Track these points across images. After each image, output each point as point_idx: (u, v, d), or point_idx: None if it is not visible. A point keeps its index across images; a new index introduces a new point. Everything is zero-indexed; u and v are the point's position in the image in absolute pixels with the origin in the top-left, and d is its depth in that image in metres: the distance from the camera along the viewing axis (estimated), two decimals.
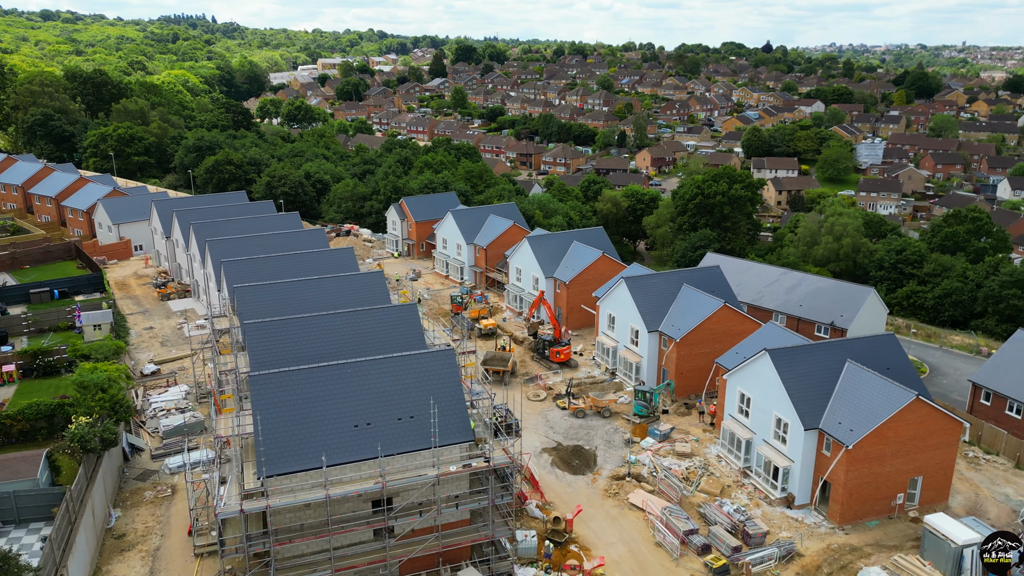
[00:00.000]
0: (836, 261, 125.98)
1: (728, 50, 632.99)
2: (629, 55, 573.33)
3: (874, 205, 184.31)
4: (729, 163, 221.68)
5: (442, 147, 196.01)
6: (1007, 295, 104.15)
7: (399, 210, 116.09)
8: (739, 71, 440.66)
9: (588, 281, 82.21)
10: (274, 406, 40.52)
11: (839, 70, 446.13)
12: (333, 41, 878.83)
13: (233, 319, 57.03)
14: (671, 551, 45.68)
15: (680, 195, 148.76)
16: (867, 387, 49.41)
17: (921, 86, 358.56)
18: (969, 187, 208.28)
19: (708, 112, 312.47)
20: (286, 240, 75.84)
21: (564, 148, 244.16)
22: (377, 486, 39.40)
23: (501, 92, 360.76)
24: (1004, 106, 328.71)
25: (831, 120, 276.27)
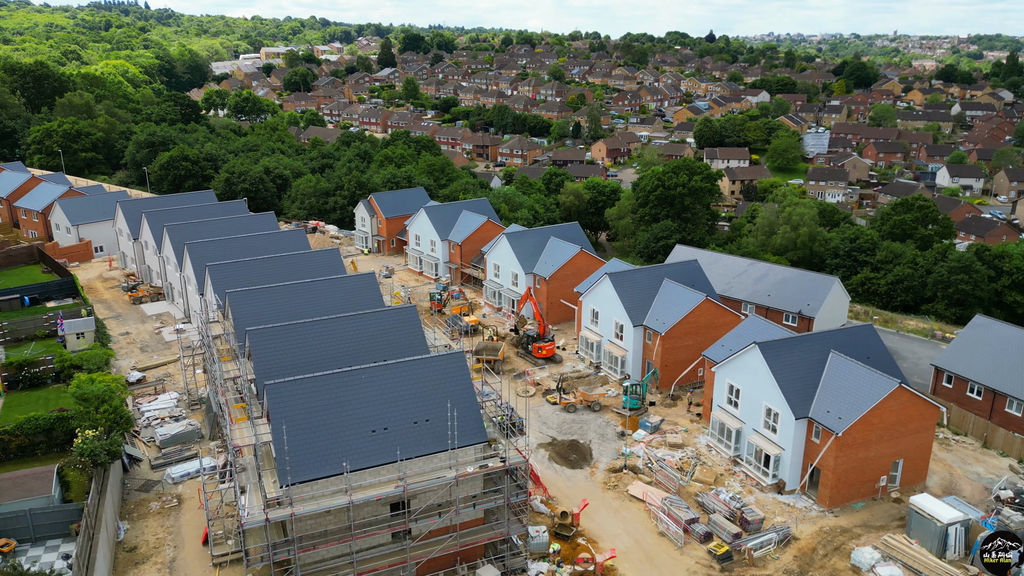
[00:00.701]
0: (794, 250, 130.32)
1: (673, 39, 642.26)
2: (577, 44, 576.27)
3: (822, 194, 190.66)
4: (682, 154, 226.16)
5: (401, 140, 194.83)
6: (955, 280, 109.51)
7: (368, 206, 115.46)
8: (685, 61, 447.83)
9: (567, 276, 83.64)
10: (293, 414, 40.72)
11: (781, 60, 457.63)
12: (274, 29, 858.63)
13: (226, 324, 56.51)
14: (675, 540, 47.51)
15: (641, 187, 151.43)
16: (852, 376, 52.05)
17: (859, 76, 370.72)
18: (910, 175, 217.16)
19: (658, 102, 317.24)
20: (267, 241, 75.06)
21: (520, 139, 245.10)
22: (398, 489, 40.06)
23: (453, 82, 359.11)
24: (938, 95, 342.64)
25: (777, 110, 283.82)
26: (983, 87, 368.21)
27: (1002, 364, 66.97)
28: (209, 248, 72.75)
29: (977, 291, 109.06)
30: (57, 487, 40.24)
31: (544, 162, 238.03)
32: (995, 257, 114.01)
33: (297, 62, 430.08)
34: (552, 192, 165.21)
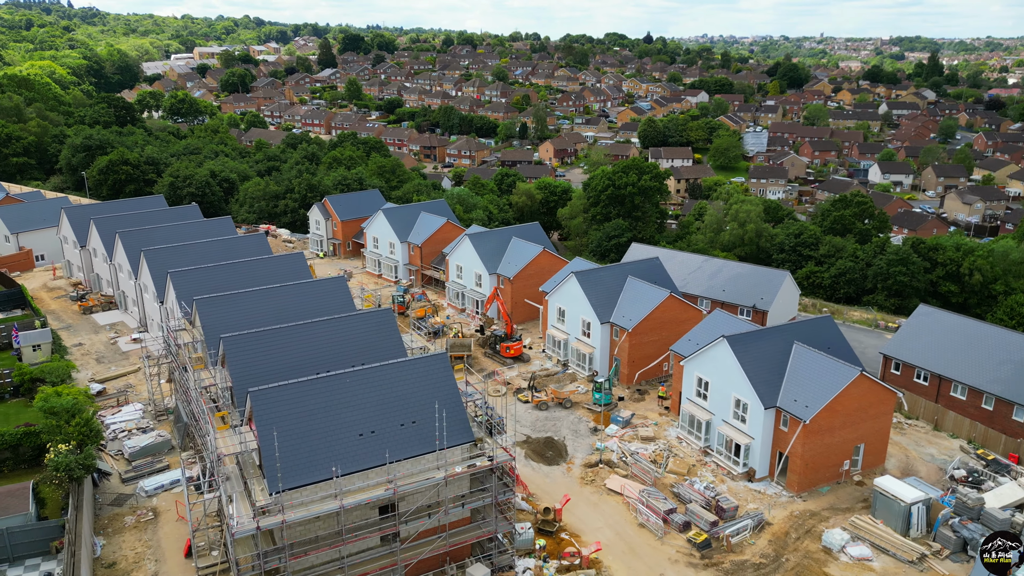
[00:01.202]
0: (741, 246, 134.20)
1: (611, 40, 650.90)
2: (517, 45, 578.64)
3: (764, 191, 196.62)
4: (628, 154, 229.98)
5: (348, 141, 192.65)
6: (894, 272, 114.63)
7: (322, 209, 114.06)
8: (625, 62, 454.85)
9: (531, 276, 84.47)
10: (279, 420, 40.28)
11: (717, 62, 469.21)
12: (206, 28, 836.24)
13: (194, 331, 55.32)
14: (655, 531, 48.75)
15: (592, 187, 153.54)
16: (816, 366, 54.27)
17: (792, 77, 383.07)
18: (844, 172, 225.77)
19: (602, 103, 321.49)
20: (226, 246, 73.55)
21: (468, 140, 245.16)
22: (389, 492, 40.09)
23: (396, 83, 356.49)
24: (866, 95, 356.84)
25: (716, 110, 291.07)
26: (907, 87, 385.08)
27: (946, 350, 70.62)
28: (167, 254, 70.91)
29: (914, 282, 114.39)
30: (32, 504, 38.82)
31: (492, 163, 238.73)
32: (929, 249, 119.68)
33: (233, 62, 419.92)
34: (504, 193, 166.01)
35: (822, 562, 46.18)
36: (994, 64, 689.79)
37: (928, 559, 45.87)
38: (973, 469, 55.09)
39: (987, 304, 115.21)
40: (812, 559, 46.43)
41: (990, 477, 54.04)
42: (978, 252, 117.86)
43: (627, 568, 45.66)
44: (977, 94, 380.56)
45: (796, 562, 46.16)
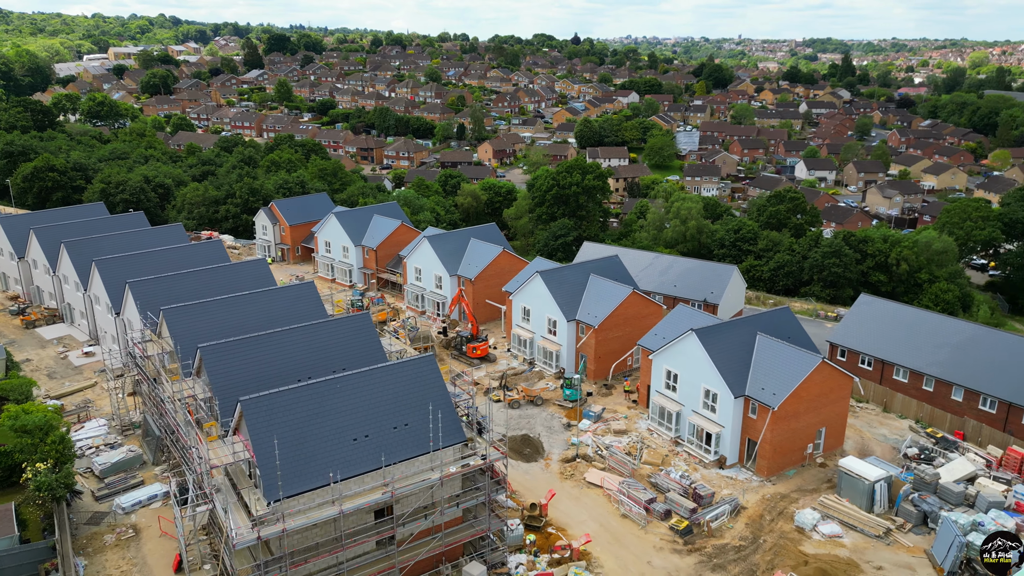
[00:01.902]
0: (683, 242, 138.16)
1: (540, 41, 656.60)
2: (447, 46, 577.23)
3: (698, 188, 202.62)
4: (566, 154, 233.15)
5: (285, 144, 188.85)
6: (828, 264, 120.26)
7: (269, 214, 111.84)
8: (556, 63, 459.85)
9: (491, 276, 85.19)
10: (271, 428, 39.85)
11: (644, 62, 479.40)
12: (120, 27, 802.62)
13: (163, 343, 53.81)
14: (638, 520, 50.23)
15: (537, 187, 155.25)
16: (780, 355, 56.85)
17: (717, 77, 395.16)
18: (772, 169, 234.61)
19: (536, 104, 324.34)
20: (182, 255, 71.58)
21: (406, 142, 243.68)
22: (386, 495, 40.20)
23: (327, 84, 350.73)
24: (786, 95, 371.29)
25: (648, 110, 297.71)
26: (824, 87, 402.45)
27: (887, 336, 74.83)
28: (120, 264, 68.51)
29: (847, 273, 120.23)
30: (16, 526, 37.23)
31: (431, 164, 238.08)
32: (860, 242, 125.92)
33: (153, 63, 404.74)
34: (449, 194, 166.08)
35: (797, 541, 48.56)
36: (900, 64, 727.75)
37: (893, 533, 48.81)
38: (924, 447, 58.75)
39: (913, 292, 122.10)
40: (787, 539, 48.76)
41: (940, 454, 57.76)
42: (904, 243, 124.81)
43: (615, 558, 46.94)
44: (888, 93, 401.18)
45: (773, 542, 48.39)
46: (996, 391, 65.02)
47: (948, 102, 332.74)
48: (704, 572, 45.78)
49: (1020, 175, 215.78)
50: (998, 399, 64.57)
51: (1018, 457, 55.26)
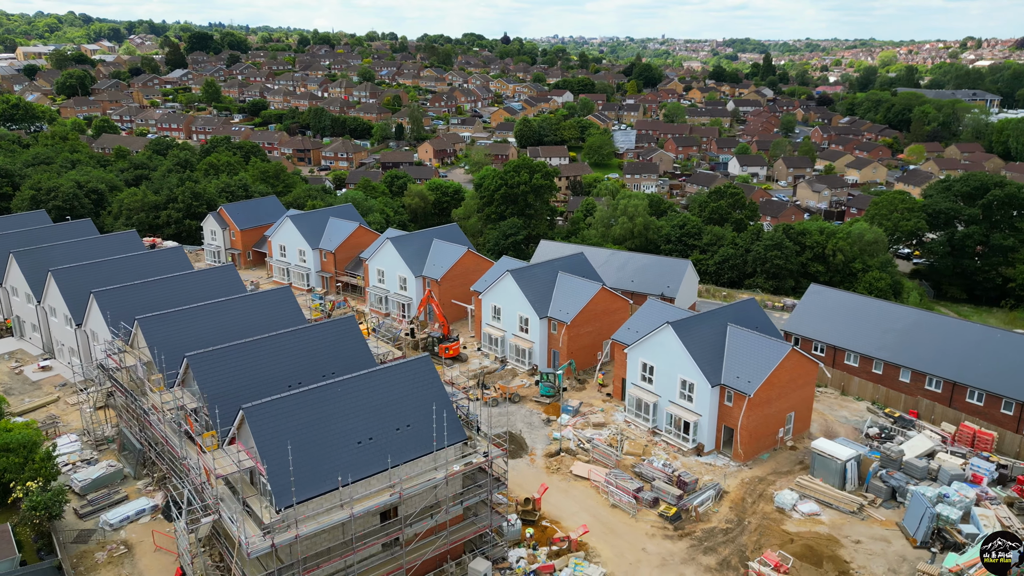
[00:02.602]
0: (631, 239, 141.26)
1: (470, 41, 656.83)
2: (377, 45, 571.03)
3: (638, 186, 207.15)
4: (507, 153, 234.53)
5: (222, 146, 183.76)
6: (770, 256, 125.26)
7: (218, 218, 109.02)
8: (488, 63, 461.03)
9: (457, 277, 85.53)
10: (276, 435, 39.49)
11: (575, 62, 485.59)
12: (26, 25, 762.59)
13: (139, 353, 52.23)
14: (628, 510, 51.73)
15: (485, 187, 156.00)
16: (751, 344, 59.35)
17: (647, 76, 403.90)
18: (706, 166, 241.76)
19: (472, 103, 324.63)
20: (143, 263, 69.37)
21: (344, 142, 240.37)
22: (395, 496, 40.39)
23: (258, 84, 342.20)
24: (714, 93, 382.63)
25: (583, 109, 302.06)
26: (748, 85, 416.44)
27: (837, 324, 78.75)
28: (78, 274, 65.89)
29: (788, 264, 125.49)
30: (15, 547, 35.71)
31: (370, 164, 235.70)
32: (798, 234, 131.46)
33: (67, 63, 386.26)
34: (396, 195, 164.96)
35: (779, 521, 50.94)
36: (816, 63, 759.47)
37: (866, 508, 51.75)
38: (883, 426, 62.32)
39: (849, 281, 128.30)
40: (770, 519, 51.10)
41: (899, 432, 61.39)
42: (839, 235, 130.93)
43: (610, 547, 48.27)
44: (808, 91, 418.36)
45: (757, 524, 50.64)
46: (940, 372, 69.36)
47: (864, 100, 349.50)
48: (696, 555, 47.58)
49: (935, 168, 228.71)
50: (942, 379, 68.92)
51: (970, 432, 59.30)
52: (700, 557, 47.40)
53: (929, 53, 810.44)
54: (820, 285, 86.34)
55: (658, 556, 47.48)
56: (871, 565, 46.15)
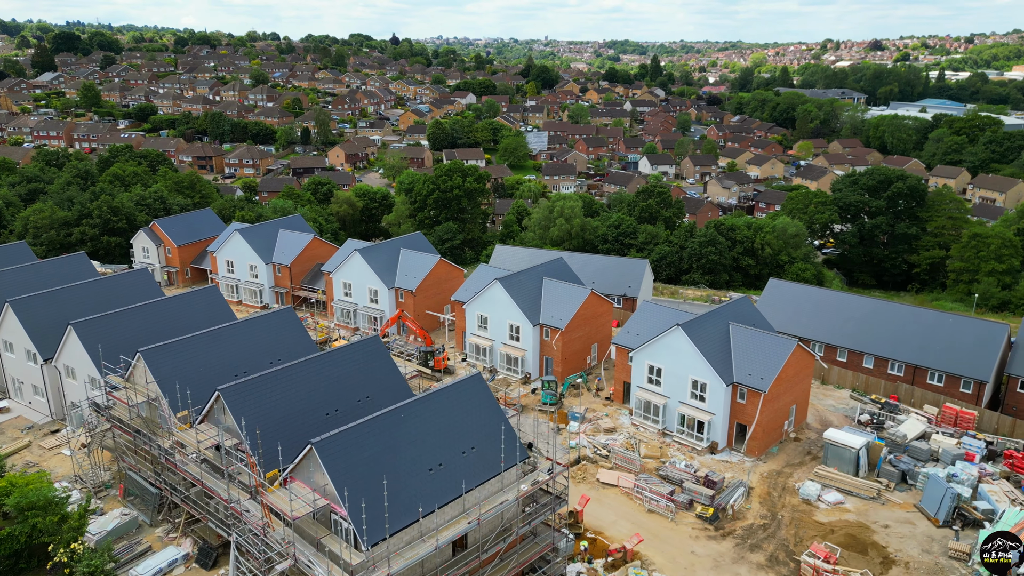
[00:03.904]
0: (569, 240, 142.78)
1: (357, 42, 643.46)
2: (260, 45, 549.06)
3: (557, 187, 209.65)
4: (422, 156, 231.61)
5: (124, 156, 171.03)
6: (706, 252, 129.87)
7: (151, 234, 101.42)
8: (383, 64, 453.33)
9: (431, 287, 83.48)
10: (349, 468, 37.01)
11: (471, 63, 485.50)
12: None
13: (147, 389, 47.58)
14: (665, 514, 52.02)
15: (416, 191, 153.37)
16: (757, 342, 61.14)
17: (544, 78, 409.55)
18: (618, 165, 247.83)
19: (376, 106, 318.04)
20: (107, 289, 63.31)
21: (248, 148, 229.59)
22: (473, 524, 38.81)
23: (141, 88, 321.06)
24: (610, 94, 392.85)
25: (489, 111, 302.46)
26: (640, 86, 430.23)
27: (799, 315, 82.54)
28: (39, 304, 59.29)
29: (722, 259, 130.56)
30: None
31: (279, 171, 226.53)
32: (728, 229, 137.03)
33: None
34: (322, 202, 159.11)
35: (809, 512, 52.73)
36: (693, 64, 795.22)
37: (883, 493, 54.45)
38: (873, 412, 65.83)
39: (776, 272, 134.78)
40: (800, 511, 52.81)
41: (888, 417, 65.03)
42: (766, 229, 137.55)
43: (661, 553, 48.39)
44: (695, 92, 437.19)
45: (790, 517, 52.21)
46: (901, 356, 74.10)
47: (751, 99, 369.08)
48: (744, 554, 48.49)
49: (825, 162, 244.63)
50: (904, 363, 73.70)
51: (953, 413, 63.61)
52: (748, 555, 48.34)
53: (794, 55, 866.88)
54: (779, 280, 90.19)
55: (708, 558, 48.03)
56: (906, 548, 48.55)
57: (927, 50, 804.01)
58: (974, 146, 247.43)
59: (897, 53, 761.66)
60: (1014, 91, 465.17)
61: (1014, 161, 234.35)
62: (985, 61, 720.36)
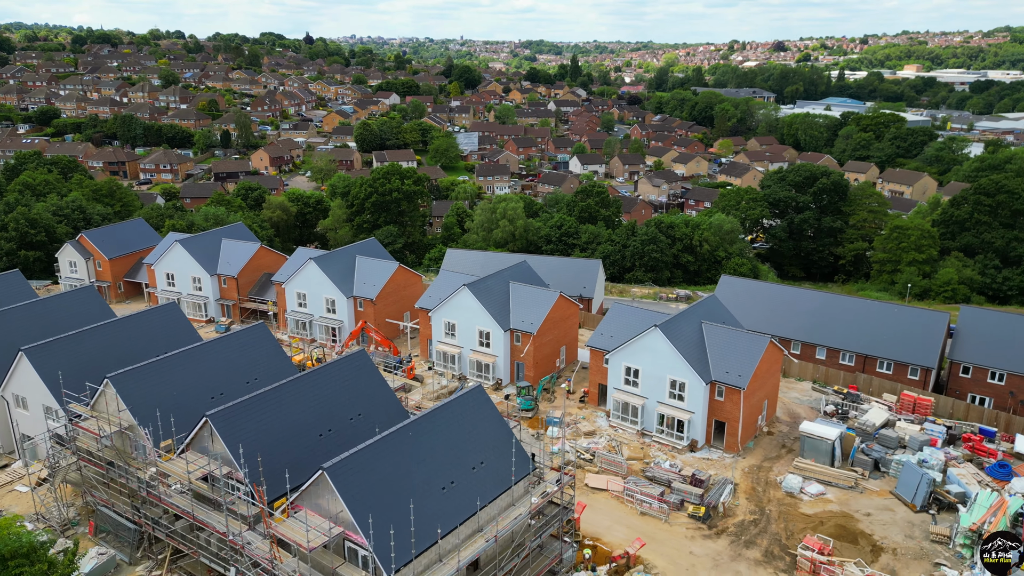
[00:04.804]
0: (513, 241, 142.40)
1: (269, 41, 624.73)
2: (165, 44, 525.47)
3: (492, 188, 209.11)
4: (350, 158, 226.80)
5: (32, 163, 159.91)
6: (648, 250, 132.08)
7: (79, 247, 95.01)
8: (300, 64, 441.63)
9: (390, 294, 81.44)
10: (363, 492, 35.30)
11: (392, 63, 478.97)
12: None
13: (119, 417, 44.12)
14: (658, 516, 52.18)
15: (353, 195, 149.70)
16: (731, 340, 62.17)
17: (467, 78, 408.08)
18: (548, 165, 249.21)
19: (296, 107, 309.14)
20: (50, 310, 58.61)
21: (165, 153, 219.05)
22: (491, 542, 37.75)
23: (41, 90, 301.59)
24: (534, 94, 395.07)
25: (415, 112, 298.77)
26: (562, 87, 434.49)
27: (753, 311, 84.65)
28: None
29: (664, 257, 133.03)
30: None
31: (198, 176, 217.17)
32: (668, 227, 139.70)
33: None
34: (253, 208, 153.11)
35: (794, 505, 53.96)
36: (609, 64, 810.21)
37: (859, 482, 56.30)
38: (836, 403, 68.08)
39: (715, 269, 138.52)
40: (785, 504, 53.97)
41: (851, 407, 67.38)
42: (704, 226, 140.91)
43: (660, 555, 48.45)
44: (615, 91, 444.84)
45: (777, 510, 53.29)
46: (851, 346, 77.13)
47: (671, 99, 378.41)
48: (741, 551, 49.13)
49: (745, 159, 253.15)
50: (854, 352, 76.75)
51: (911, 400, 66.47)
52: (745, 552, 48.99)
53: (703, 55, 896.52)
54: (731, 276, 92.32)
55: (707, 557, 48.41)
56: (890, 535, 50.27)
57: (826, 51, 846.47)
58: (880, 142, 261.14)
59: (799, 54, 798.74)
60: (908, 89, 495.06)
61: (917, 156, 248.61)
62: (879, 60, 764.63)
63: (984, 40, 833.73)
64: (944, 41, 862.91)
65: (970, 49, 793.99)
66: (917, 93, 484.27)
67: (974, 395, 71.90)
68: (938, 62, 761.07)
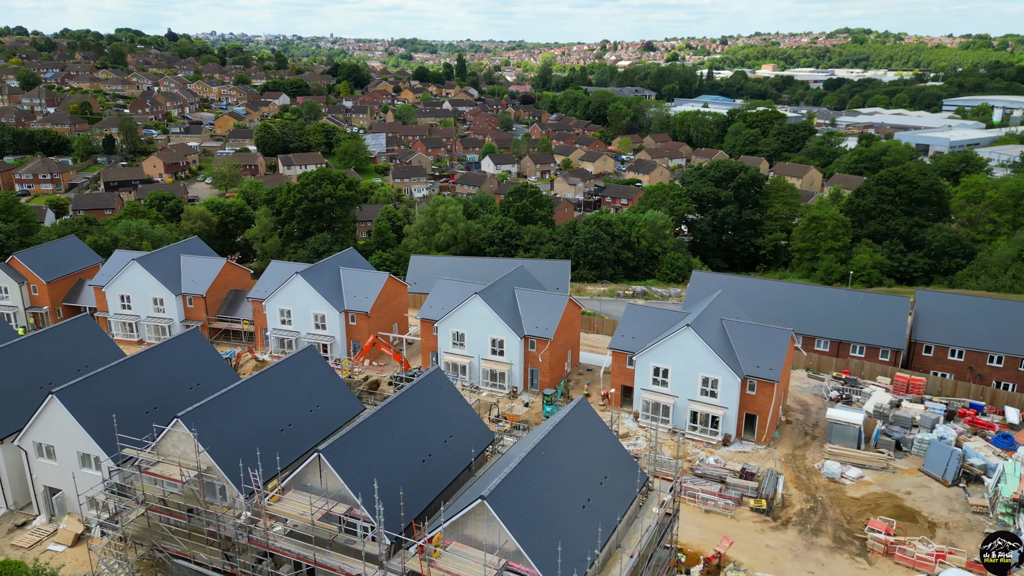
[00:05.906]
0: (455, 244, 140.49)
1: (127, 37, 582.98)
2: (9, 41, 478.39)
3: (410, 189, 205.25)
4: (255, 163, 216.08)
5: None
6: (592, 248, 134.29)
7: (10, 271, 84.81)
8: (173, 63, 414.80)
9: (382, 306, 78.09)
10: (524, 520, 33.59)
11: (273, 62, 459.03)
12: None
13: (197, 459, 39.55)
14: (724, 513, 53.08)
15: (280, 202, 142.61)
16: (753, 335, 64.11)
17: (356, 78, 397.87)
18: (460, 166, 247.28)
19: (179, 109, 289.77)
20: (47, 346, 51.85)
21: (44, 161, 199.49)
22: (635, 558, 36.97)
23: None
24: (427, 94, 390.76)
25: (310, 113, 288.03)
26: (452, 86, 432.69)
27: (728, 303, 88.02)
28: None
29: (606, 254, 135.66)
30: None
31: (84, 185, 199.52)
32: (607, 225, 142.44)
33: None
34: (170, 219, 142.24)
35: (840, 490, 56.37)
36: (487, 64, 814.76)
37: (890, 463, 59.62)
38: (839, 388, 71.76)
39: (652, 264, 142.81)
40: (832, 490, 56.31)
41: (854, 392, 71.24)
42: (639, 223, 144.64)
43: (740, 551, 49.24)
44: (505, 91, 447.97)
45: (828, 497, 55.50)
46: (825, 332, 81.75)
47: (564, 98, 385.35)
48: (812, 539, 50.80)
49: (647, 156, 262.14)
50: (829, 339, 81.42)
51: (904, 381, 71.12)
52: (816, 540, 50.68)
53: (578, 54, 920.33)
54: (703, 272, 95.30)
55: (784, 549, 49.71)
56: (936, 510, 53.55)
57: (691, 51, 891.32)
58: (767, 137, 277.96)
59: (668, 53, 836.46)
60: (770, 87, 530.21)
61: (801, 150, 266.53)
62: (740, 60, 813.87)
63: (828, 41, 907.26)
64: (794, 42, 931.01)
65: (817, 49, 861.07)
66: (778, 91, 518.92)
67: (935, 371, 77.79)
68: (791, 62, 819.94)
